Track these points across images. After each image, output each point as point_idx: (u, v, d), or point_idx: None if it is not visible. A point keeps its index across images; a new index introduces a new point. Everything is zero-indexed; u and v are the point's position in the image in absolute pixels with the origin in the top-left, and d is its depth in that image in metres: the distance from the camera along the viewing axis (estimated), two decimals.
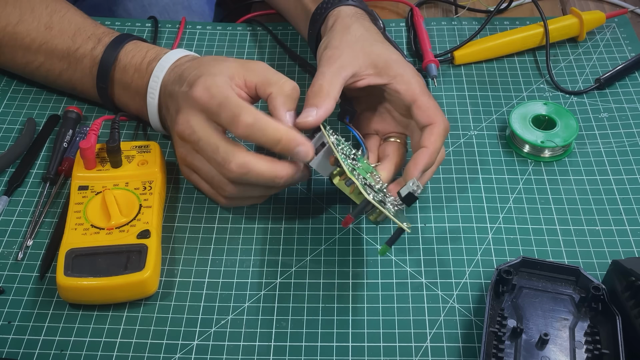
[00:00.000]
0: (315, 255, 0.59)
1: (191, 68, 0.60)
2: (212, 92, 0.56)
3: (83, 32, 0.68)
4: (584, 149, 0.68)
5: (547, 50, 0.76)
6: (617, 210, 0.62)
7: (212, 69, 0.58)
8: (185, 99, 0.58)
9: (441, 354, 0.53)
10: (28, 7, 0.69)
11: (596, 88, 0.74)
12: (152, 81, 0.63)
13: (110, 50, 0.66)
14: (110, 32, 0.68)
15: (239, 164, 0.55)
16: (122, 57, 0.66)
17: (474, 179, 0.65)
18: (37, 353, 0.53)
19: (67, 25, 0.68)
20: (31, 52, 0.69)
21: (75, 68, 0.68)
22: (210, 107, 0.56)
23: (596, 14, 0.80)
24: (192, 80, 0.58)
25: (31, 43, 0.68)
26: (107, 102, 0.68)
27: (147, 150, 0.63)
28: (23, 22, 0.68)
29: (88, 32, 0.68)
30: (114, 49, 0.66)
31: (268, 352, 0.53)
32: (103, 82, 0.66)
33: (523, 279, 0.55)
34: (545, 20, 0.77)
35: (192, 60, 0.62)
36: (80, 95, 0.72)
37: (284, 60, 0.79)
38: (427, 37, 0.79)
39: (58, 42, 0.68)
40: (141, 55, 0.65)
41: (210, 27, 0.83)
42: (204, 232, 0.61)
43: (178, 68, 0.62)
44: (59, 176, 0.65)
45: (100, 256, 0.55)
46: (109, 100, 0.68)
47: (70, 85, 0.71)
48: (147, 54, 0.65)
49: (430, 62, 0.75)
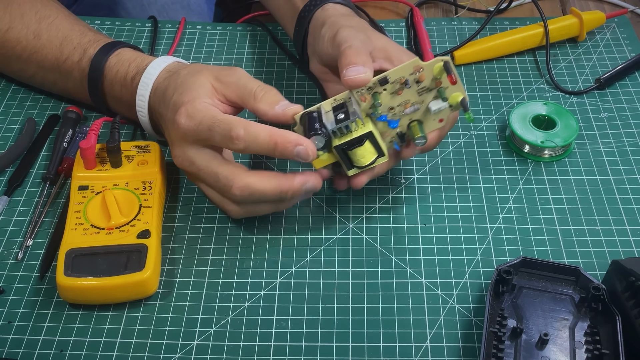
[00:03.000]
0: (315, 255, 0.59)
1: (170, 88, 0.59)
2: (197, 119, 0.55)
3: (69, 41, 0.67)
4: (584, 149, 0.68)
5: (547, 50, 0.76)
6: (617, 210, 0.62)
7: (190, 92, 0.57)
8: (175, 130, 0.57)
9: (441, 354, 0.53)
10: (18, 13, 0.69)
11: (596, 88, 0.74)
12: (139, 100, 0.63)
13: (95, 63, 0.65)
14: (96, 41, 0.67)
15: (240, 187, 0.55)
16: (107, 72, 0.65)
17: (474, 179, 0.65)
18: (37, 353, 0.53)
19: (54, 33, 0.68)
20: (22, 60, 0.69)
21: (67, 79, 0.68)
22: (200, 133, 0.55)
23: (596, 14, 0.80)
24: (175, 108, 0.57)
25: (22, 52, 0.69)
26: (104, 110, 0.69)
27: (147, 150, 0.63)
28: (13, 29, 0.68)
29: (74, 41, 0.67)
30: (98, 61, 0.65)
31: (268, 352, 0.53)
32: (95, 95, 0.67)
33: (523, 279, 0.55)
34: (545, 20, 0.77)
35: (172, 75, 0.61)
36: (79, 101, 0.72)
37: (283, 60, 0.79)
38: (427, 37, 0.79)
39: (47, 52, 0.68)
40: (124, 70, 0.64)
41: (210, 27, 0.83)
42: (204, 232, 0.61)
43: (161, 85, 0.61)
44: (59, 176, 0.65)
45: (100, 256, 0.55)
46: (105, 109, 0.68)
47: (66, 93, 0.71)
48: (130, 68, 0.64)
49: None
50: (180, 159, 0.58)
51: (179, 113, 0.56)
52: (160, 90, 0.61)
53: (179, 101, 0.57)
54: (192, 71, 0.60)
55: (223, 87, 0.58)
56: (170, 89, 0.59)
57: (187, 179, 0.64)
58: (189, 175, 0.60)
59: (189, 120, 0.56)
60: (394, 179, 0.65)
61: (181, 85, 0.59)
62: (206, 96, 0.57)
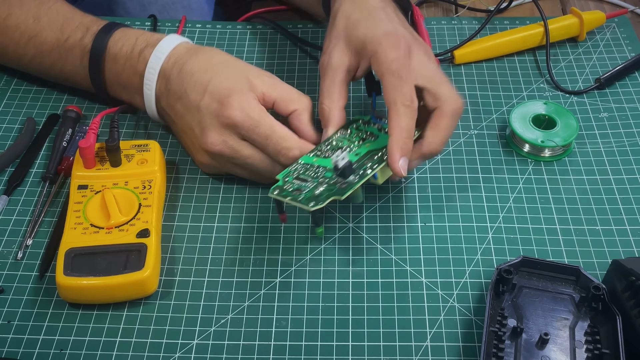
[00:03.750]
0: (315, 254, 0.59)
1: (198, 71, 0.60)
2: (247, 113, 0.58)
3: (71, 21, 0.68)
4: (584, 148, 0.68)
5: (547, 50, 0.76)
6: (617, 210, 0.62)
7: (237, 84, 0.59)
8: (215, 117, 0.58)
9: (441, 354, 0.53)
10: (17, 1, 0.69)
11: (596, 88, 0.74)
12: (148, 72, 0.63)
13: (99, 40, 0.66)
14: (98, 21, 0.68)
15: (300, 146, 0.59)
16: (112, 46, 0.65)
17: (474, 178, 0.65)
18: (37, 352, 0.53)
19: (55, 16, 0.68)
20: (21, 46, 0.69)
21: (66, 59, 0.68)
22: (247, 127, 0.58)
23: (596, 13, 0.80)
24: (221, 97, 0.58)
25: (21, 37, 0.68)
26: (100, 91, 0.68)
27: (146, 149, 0.63)
28: (12, 15, 0.68)
29: (76, 21, 0.68)
30: (102, 37, 0.66)
31: (268, 351, 0.53)
32: (95, 72, 0.66)
33: (523, 278, 0.55)
34: (546, 20, 0.77)
35: (191, 52, 0.62)
36: (74, 87, 0.72)
37: (284, 59, 0.78)
38: (428, 37, 0.79)
39: (47, 34, 0.68)
40: (130, 44, 0.65)
41: (210, 26, 0.83)
42: (204, 231, 0.61)
43: (178, 62, 0.62)
44: (59, 175, 0.65)
45: (99, 255, 0.55)
46: (102, 90, 0.68)
47: (63, 77, 0.70)
48: (137, 42, 0.65)
49: None
50: (217, 146, 0.59)
51: (230, 103, 0.58)
52: (178, 66, 0.62)
53: (224, 88, 0.59)
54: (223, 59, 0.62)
55: (264, 87, 0.60)
56: (198, 71, 0.60)
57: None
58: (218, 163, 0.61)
59: (239, 112, 0.58)
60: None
61: (215, 69, 0.60)
62: (254, 93, 0.59)
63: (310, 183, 0.55)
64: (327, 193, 0.53)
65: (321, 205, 0.52)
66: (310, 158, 0.59)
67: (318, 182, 0.55)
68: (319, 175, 0.56)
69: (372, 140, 0.60)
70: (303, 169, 0.57)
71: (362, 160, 0.57)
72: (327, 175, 0.56)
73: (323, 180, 0.55)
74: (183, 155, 0.67)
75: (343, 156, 0.55)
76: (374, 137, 0.60)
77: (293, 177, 0.57)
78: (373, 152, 0.58)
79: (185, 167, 0.66)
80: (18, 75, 0.75)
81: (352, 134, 0.61)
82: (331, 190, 0.54)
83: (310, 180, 0.56)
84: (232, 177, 0.64)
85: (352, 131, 0.62)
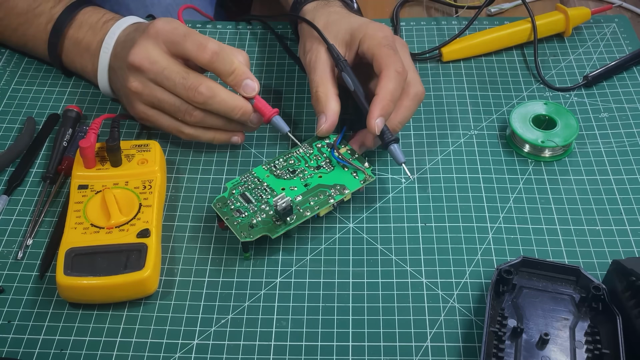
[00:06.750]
0: (316, 254, 0.59)
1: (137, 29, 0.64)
2: (174, 25, 0.61)
3: None
4: (584, 148, 0.68)
5: (535, 46, 0.76)
6: (617, 210, 0.62)
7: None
8: (144, 33, 0.61)
9: (441, 354, 0.53)
10: None
11: (584, 85, 0.74)
12: (108, 37, 0.66)
13: (68, 10, 0.69)
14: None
15: (208, 86, 0.60)
16: (80, 16, 0.69)
17: (474, 178, 0.65)
18: (37, 352, 0.53)
19: None
20: None
21: (32, 24, 0.71)
22: (174, 38, 0.60)
23: (581, 10, 0.80)
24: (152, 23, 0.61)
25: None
26: (54, 59, 0.71)
27: (147, 149, 0.63)
28: None
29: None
30: (72, 9, 0.69)
31: (268, 351, 0.53)
32: (55, 37, 0.69)
33: (523, 278, 0.55)
34: (533, 15, 0.77)
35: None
36: (29, 53, 0.75)
37: (284, 59, 0.78)
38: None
39: (19, 1, 0.71)
40: (98, 17, 0.69)
41: (210, 26, 0.83)
42: (204, 231, 0.61)
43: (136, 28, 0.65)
44: (59, 175, 0.65)
45: (100, 255, 0.55)
46: (56, 58, 0.71)
47: (22, 41, 0.73)
48: (105, 16, 0.69)
49: None
50: (140, 57, 0.60)
51: (158, 20, 0.61)
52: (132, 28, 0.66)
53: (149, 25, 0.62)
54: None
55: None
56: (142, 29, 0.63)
57: (146, 126, 0.64)
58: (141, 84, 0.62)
59: (166, 24, 0.61)
60: (394, 179, 0.65)
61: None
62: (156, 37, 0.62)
63: (251, 207, 0.58)
64: (261, 226, 0.57)
65: (251, 239, 0.56)
66: (264, 172, 0.61)
67: (258, 210, 0.58)
68: (262, 201, 0.59)
69: (327, 172, 0.61)
70: (252, 185, 0.60)
71: (307, 196, 0.59)
72: (270, 203, 0.58)
73: (263, 208, 0.58)
74: (183, 155, 0.67)
75: (285, 200, 0.56)
76: (329, 169, 0.61)
77: (240, 192, 0.59)
78: (321, 190, 0.59)
79: (186, 167, 0.66)
80: (18, 75, 0.75)
81: (312, 156, 0.62)
82: (266, 224, 0.57)
83: (253, 203, 0.59)
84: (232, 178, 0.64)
85: (314, 150, 0.63)
